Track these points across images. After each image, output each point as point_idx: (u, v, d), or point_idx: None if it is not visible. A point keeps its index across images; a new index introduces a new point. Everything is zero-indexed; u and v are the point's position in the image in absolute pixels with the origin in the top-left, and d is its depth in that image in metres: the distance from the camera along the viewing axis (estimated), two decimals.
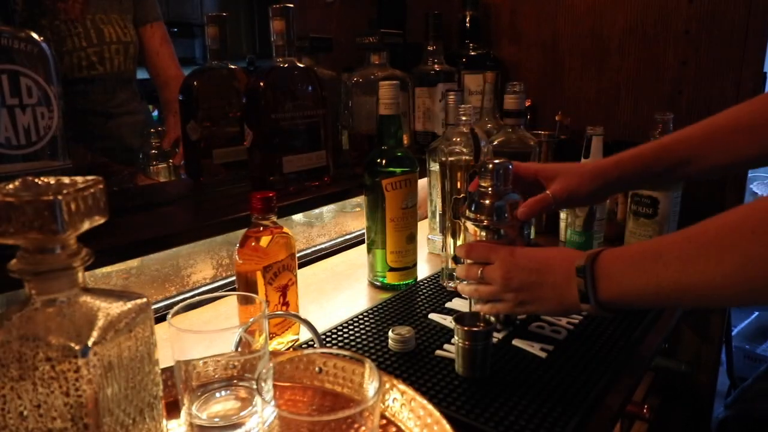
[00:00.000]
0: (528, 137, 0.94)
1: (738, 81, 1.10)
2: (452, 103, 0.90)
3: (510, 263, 0.66)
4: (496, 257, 0.67)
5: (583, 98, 1.30)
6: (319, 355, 0.59)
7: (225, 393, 0.57)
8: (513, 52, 1.39)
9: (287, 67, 0.91)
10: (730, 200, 1.13)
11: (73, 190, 0.36)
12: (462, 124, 0.87)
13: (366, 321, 0.82)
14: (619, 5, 1.22)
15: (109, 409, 0.38)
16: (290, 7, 0.89)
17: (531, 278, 0.64)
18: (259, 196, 0.70)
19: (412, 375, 0.68)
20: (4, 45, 0.59)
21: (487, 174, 0.72)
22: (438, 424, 0.53)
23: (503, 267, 0.66)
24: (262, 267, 0.70)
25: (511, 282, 0.65)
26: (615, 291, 0.57)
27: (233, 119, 0.99)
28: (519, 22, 1.36)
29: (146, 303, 0.42)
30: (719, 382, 1.31)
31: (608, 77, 1.26)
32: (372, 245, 0.96)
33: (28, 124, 0.62)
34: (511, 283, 0.65)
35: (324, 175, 0.99)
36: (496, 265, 0.67)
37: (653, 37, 1.18)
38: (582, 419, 0.60)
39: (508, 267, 0.66)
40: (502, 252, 0.67)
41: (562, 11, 1.29)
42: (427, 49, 1.24)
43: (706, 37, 1.13)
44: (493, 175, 0.72)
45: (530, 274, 0.64)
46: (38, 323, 0.37)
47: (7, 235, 0.35)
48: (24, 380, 0.36)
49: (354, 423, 0.41)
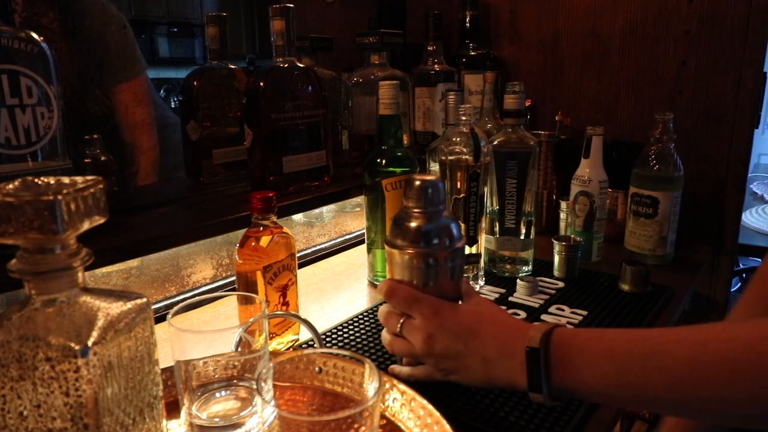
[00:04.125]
0: (528, 137, 0.94)
1: (738, 81, 1.10)
2: (452, 103, 0.90)
3: (434, 324, 0.57)
4: (418, 313, 0.58)
5: (583, 98, 1.30)
6: (319, 355, 0.59)
7: (225, 393, 0.57)
8: (513, 52, 1.39)
9: (287, 67, 0.92)
10: (731, 200, 1.13)
11: (73, 190, 0.36)
12: (462, 124, 0.87)
13: (366, 321, 0.82)
14: (619, 5, 1.22)
15: (109, 409, 0.38)
16: (290, 7, 0.89)
17: (457, 347, 0.56)
18: (259, 196, 0.70)
19: None
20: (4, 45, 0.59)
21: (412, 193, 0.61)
22: (438, 424, 0.53)
23: (426, 328, 0.57)
24: (262, 267, 0.70)
25: (433, 347, 0.57)
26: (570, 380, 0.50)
27: (233, 119, 0.99)
28: (519, 22, 1.36)
29: (146, 303, 0.42)
30: None
31: (608, 77, 1.26)
32: (372, 245, 0.96)
33: (28, 124, 0.62)
34: (433, 348, 0.57)
35: (324, 175, 0.99)
36: (418, 323, 0.58)
37: (653, 37, 1.18)
38: (582, 419, 0.60)
39: (431, 328, 0.57)
40: (427, 308, 0.58)
41: (562, 11, 1.29)
42: (427, 49, 1.24)
43: (706, 37, 1.13)
44: (420, 195, 0.61)
45: (456, 342, 0.56)
46: (38, 323, 0.37)
47: (7, 235, 0.35)
48: (24, 380, 0.36)
49: (354, 423, 0.41)
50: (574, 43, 1.29)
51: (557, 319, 0.81)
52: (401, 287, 0.61)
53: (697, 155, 1.16)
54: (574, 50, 1.29)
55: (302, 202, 0.94)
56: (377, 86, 0.90)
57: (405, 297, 0.60)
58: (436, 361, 0.58)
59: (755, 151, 1.29)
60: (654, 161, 1.03)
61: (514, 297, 0.90)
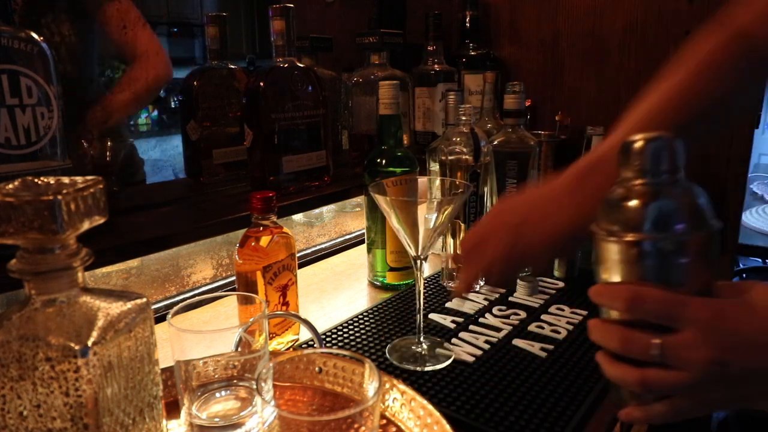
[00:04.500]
0: (528, 137, 0.94)
1: None
2: (452, 103, 0.90)
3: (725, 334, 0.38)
4: (689, 319, 0.39)
5: (583, 98, 1.30)
6: (319, 355, 0.59)
7: (225, 393, 0.57)
8: (513, 52, 1.39)
9: (287, 67, 0.92)
10: (731, 200, 1.13)
11: (73, 190, 0.36)
12: (462, 124, 0.87)
13: (366, 321, 0.82)
14: (619, 5, 1.22)
15: (108, 409, 0.38)
16: (290, 7, 0.89)
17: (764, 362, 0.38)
18: (259, 196, 0.70)
19: (412, 375, 0.68)
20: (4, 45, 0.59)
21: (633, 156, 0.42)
22: (438, 424, 0.53)
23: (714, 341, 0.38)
24: (262, 267, 0.70)
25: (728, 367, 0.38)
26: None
27: (233, 119, 0.99)
28: (519, 21, 1.36)
29: (146, 303, 0.42)
30: None
31: (608, 77, 1.25)
32: (372, 245, 0.96)
33: (28, 124, 0.62)
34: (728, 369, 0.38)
35: (324, 175, 0.99)
36: (695, 336, 0.38)
37: (653, 37, 1.18)
38: (582, 419, 0.60)
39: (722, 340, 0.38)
40: (703, 310, 0.39)
41: (562, 11, 1.29)
42: (427, 49, 1.24)
43: None
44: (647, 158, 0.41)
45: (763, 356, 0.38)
46: (38, 323, 0.37)
47: (7, 235, 0.35)
48: (24, 380, 0.36)
49: (354, 423, 0.41)
50: (574, 43, 1.29)
51: (557, 319, 0.81)
52: (651, 291, 0.40)
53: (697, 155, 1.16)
54: (574, 50, 1.29)
55: (302, 202, 0.94)
56: (377, 86, 0.90)
57: (663, 302, 0.39)
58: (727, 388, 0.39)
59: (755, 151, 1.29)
60: None
61: (514, 297, 0.90)
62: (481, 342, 0.75)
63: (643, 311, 0.40)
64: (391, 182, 0.71)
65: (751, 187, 2.29)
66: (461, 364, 0.70)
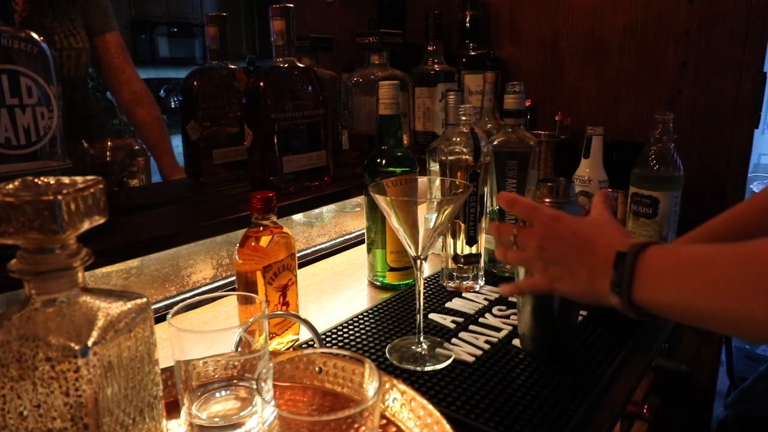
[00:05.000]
0: (528, 137, 0.94)
1: (738, 81, 1.10)
2: (452, 103, 0.90)
3: (551, 230, 0.58)
4: (537, 219, 0.60)
5: (583, 98, 1.30)
6: (319, 355, 0.59)
7: (225, 393, 0.57)
8: (513, 52, 1.39)
9: (287, 67, 0.92)
10: (731, 200, 1.13)
11: (73, 190, 0.36)
12: (462, 124, 0.87)
13: (366, 321, 0.82)
14: (619, 5, 1.22)
15: (108, 409, 0.38)
16: (290, 7, 0.89)
17: (570, 254, 0.56)
18: (259, 196, 0.70)
19: (412, 375, 0.68)
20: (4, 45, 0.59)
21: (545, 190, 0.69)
22: (438, 424, 0.53)
23: (542, 233, 0.59)
24: (262, 267, 0.70)
25: (546, 252, 0.58)
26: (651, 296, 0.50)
27: (233, 119, 0.99)
28: (519, 21, 1.36)
29: (146, 303, 0.42)
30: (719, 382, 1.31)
31: (608, 77, 1.25)
32: (372, 245, 0.96)
33: (28, 124, 0.62)
34: (546, 253, 0.58)
35: (324, 175, 0.99)
36: (535, 229, 0.59)
37: (653, 37, 1.18)
38: (582, 419, 0.60)
39: (547, 234, 0.58)
40: (547, 215, 0.59)
41: (562, 11, 1.29)
42: (427, 49, 1.24)
43: (706, 37, 1.13)
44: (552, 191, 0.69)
45: (570, 249, 0.56)
46: (38, 323, 0.37)
47: (7, 235, 0.35)
48: (24, 380, 0.36)
49: (354, 423, 0.41)
50: (574, 43, 1.29)
51: None
52: (523, 198, 0.64)
53: (697, 155, 1.16)
54: (574, 50, 1.29)
55: (302, 202, 0.94)
56: (377, 86, 0.90)
57: (527, 204, 0.62)
58: (544, 266, 0.58)
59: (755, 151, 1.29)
60: (654, 161, 1.03)
61: (514, 297, 0.89)
62: (481, 342, 0.75)
63: (516, 210, 0.63)
64: (391, 182, 0.71)
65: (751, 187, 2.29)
66: (461, 364, 0.70)
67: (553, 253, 0.58)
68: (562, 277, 0.57)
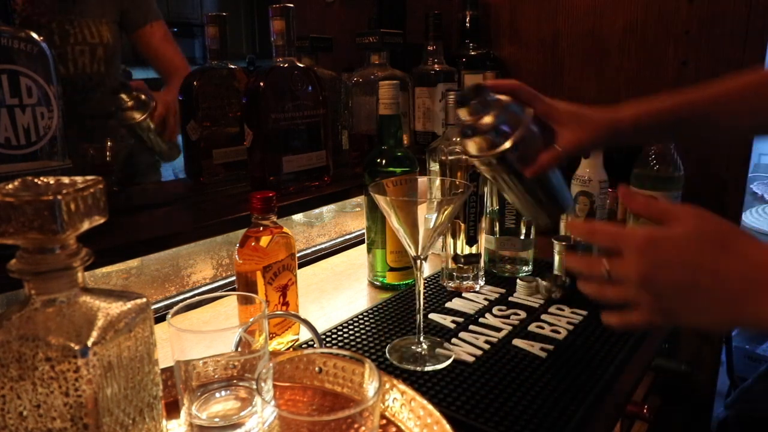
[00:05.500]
0: None
1: None
2: (452, 103, 0.89)
3: (650, 258, 0.48)
4: (628, 247, 0.49)
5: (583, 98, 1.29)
6: (319, 355, 0.59)
7: (225, 393, 0.57)
8: (513, 52, 1.39)
9: (287, 67, 0.92)
10: (731, 200, 1.13)
11: (73, 190, 0.36)
12: None
13: (366, 321, 0.82)
14: (619, 5, 1.22)
15: (108, 409, 0.38)
16: (290, 7, 0.89)
17: (684, 278, 0.47)
18: (259, 196, 0.70)
19: (412, 375, 0.68)
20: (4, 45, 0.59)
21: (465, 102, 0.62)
22: (438, 424, 0.53)
23: (640, 262, 0.48)
24: (262, 267, 0.70)
25: (654, 285, 0.48)
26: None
27: (233, 119, 0.99)
28: (519, 21, 1.36)
29: (146, 303, 0.42)
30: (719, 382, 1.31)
31: (608, 77, 1.25)
32: (372, 245, 0.96)
33: (28, 124, 0.62)
34: (653, 284, 0.48)
35: (324, 175, 0.99)
36: (631, 260, 0.49)
37: (653, 37, 1.18)
38: (582, 419, 0.60)
39: (646, 261, 0.48)
40: (640, 239, 0.49)
41: (562, 11, 1.29)
42: (427, 49, 1.24)
43: (706, 37, 1.13)
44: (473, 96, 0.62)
45: (684, 273, 0.47)
46: (38, 323, 0.37)
47: (7, 235, 0.35)
48: (24, 380, 0.36)
49: (354, 423, 0.41)
50: (574, 43, 1.29)
51: (557, 320, 0.81)
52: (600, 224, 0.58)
53: (697, 155, 1.16)
54: (574, 50, 1.29)
55: (302, 202, 0.94)
56: (377, 86, 0.90)
57: (609, 233, 0.52)
58: (654, 301, 0.49)
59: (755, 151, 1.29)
60: (654, 161, 1.03)
61: (514, 297, 0.89)
62: (481, 342, 0.75)
63: (597, 240, 0.53)
64: (391, 182, 0.71)
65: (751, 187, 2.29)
66: (461, 364, 0.70)
67: (663, 282, 0.48)
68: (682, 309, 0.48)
